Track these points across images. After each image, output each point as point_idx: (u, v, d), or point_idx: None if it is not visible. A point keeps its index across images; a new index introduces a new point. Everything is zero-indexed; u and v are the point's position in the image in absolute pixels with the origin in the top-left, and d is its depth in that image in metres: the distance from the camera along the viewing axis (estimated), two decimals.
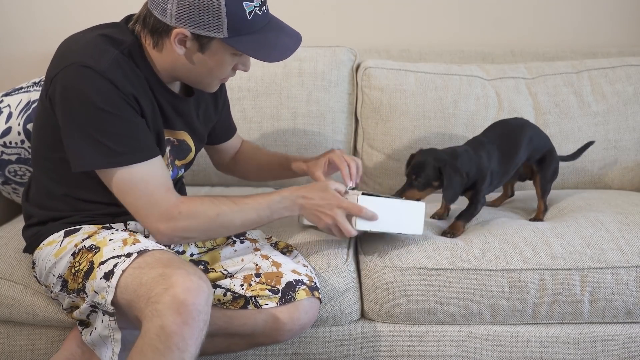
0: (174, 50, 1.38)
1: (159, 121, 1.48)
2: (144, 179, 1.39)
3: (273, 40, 1.39)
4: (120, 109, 1.35)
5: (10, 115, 1.88)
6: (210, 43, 1.36)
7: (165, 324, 1.23)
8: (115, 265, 1.34)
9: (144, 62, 1.43)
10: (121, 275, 1.33)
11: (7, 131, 1.87)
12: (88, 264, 1.40)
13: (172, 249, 1.59)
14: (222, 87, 1.68)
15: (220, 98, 1.69)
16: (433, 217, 1.88)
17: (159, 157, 1.43)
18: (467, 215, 1.78)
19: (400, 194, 1.70)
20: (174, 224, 1.40)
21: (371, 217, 1.52)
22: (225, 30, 1.33)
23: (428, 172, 1.69)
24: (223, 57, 1.40)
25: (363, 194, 1.55)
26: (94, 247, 1.42)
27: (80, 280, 1.41)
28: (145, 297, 1.27)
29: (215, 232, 1.50)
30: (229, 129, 1.82)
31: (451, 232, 1.75)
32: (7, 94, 1.94)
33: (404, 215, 1.61)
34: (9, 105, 1.90)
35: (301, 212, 1.52)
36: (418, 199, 1.70)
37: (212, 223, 1.43)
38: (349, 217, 1.52)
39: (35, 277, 1.58)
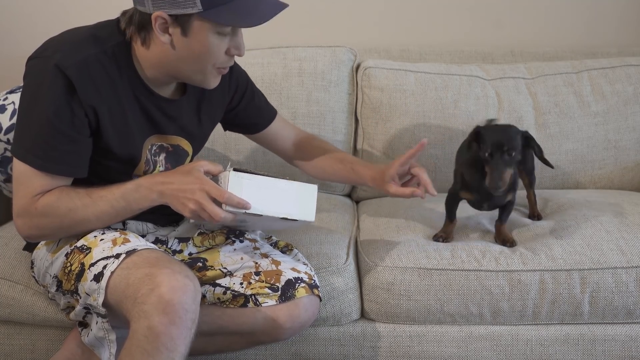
0: (160, 41, 1.36)
1: (142, 127, 1.46)
2: (32, 183, 1.37)
3: (252, 6, 1.35)
4: (61, 118, 1.34)
5: (14, 113, 1.88)
6: (189, 22, 1.33)
7: (152, 325, 1.22)
8: (104, 267, 1.34)
9: (129, 64, 1.42)
10: (110, 276, 1.32)
11: (11, 128, 1.87)
12: (79, 265, 1.39)
13: (169, 248, 1.59)
14: (232, 75, 1.62)
15: (230, 86, 1.63)
16: (436, 239, 1.74)
17: (66, 178, 1.40)
18: (505, 217, 1.72)
19: (499, 176, 1.54)
20: (28, 220, 1.38)
21: (237, 204, 1.34)
22: (198, 4, 1.30)
23: (518, 143, 1.55)
24: (207, 38, 1.35)
25: (235, 169, 1.37)
26: (85, 247, 1.42)
27: (72, 282, 1.41)
28: (132, 298, 1.26)
29: (70, 228, 1.41)
30: (262, 115, 1.73)
31: (508, 241, 1.70)
32: (11, 92, 1.95)
33: (290, 198, 1.42)
34: (13, 103, 1.91)
35: (163, 200, 1.37)
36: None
37: (64, 219, 1.38)
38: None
39: (34, 276, 1.58)
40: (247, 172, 1.40)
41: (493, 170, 1.56)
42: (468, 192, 1.71)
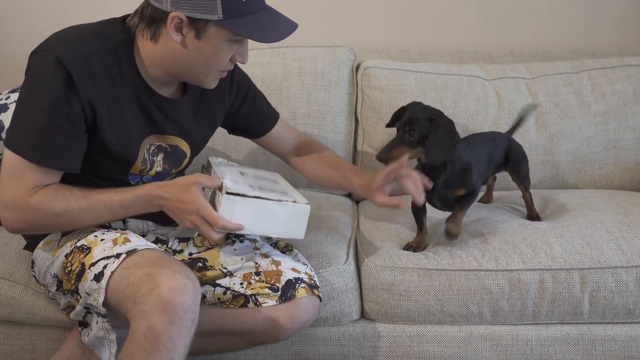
0: (171, 39, 1.36)
1: (140, 126, 1.46)
2: (23, 176, 1.36)
3: (268, 22, 1.38)
4: (58, 111, 1.34)
5: None
6: (206, 27, 1.35)
7: (152, 325, 1.22)
8: (104, 267, 1.34)
9: (131, 62, 1.42)
10: (110, 276, 1.32)
11: None
12: (80, 265, 1.40)
13: (170, 248, 1.59)
14: (233, 79, 1.64)
15: (230, 91, 1.64)
16: (407, 249, 1.71)
17: (58, 172, 1.40)
18: (461, 205, 1.64)
19: (389, 151, 1.55)
20: (18, 214, 1.38)
21: (230, 229, 1.38)
22: (219, 12, 1.32)
23: (422, 125, 1.54)
24: (219, 44, 1.37)
25: (228, 193, 1.38)
26: (85, 247, 1.42)
27: (73, 281, 1.41)
28: (132, 298, 1.26)
29: (63, 226, 1.44)
30: (263, 119, 1.74)
31: (450, 232, 1.62)
32: (12, 91, 1.95)
33: (282, 218, 1.45)
34: (15, 102, 1.90)
35: (163, 210, 1.42)
36: (410, 158, 1.57)
37: (58, 218, 1.39)
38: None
39: (34, 276, 1.58)
40: (239, 195, 1.39)
41: (388, 143, 1.57)
42: None
